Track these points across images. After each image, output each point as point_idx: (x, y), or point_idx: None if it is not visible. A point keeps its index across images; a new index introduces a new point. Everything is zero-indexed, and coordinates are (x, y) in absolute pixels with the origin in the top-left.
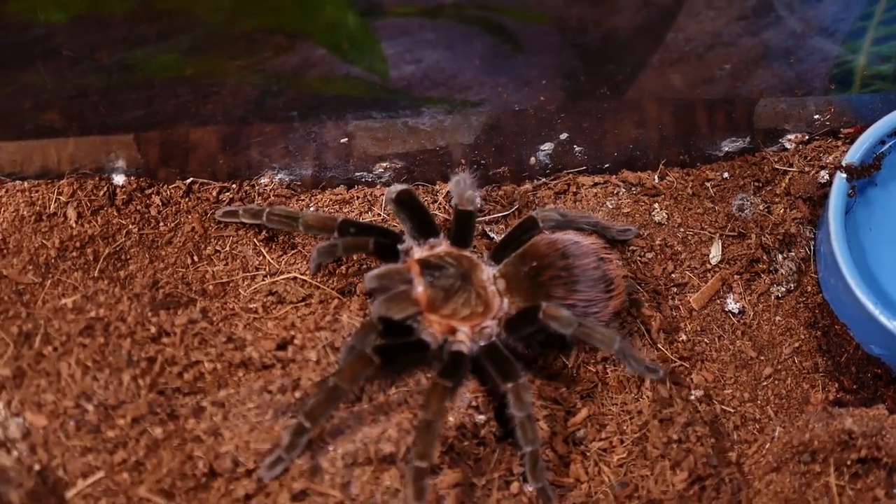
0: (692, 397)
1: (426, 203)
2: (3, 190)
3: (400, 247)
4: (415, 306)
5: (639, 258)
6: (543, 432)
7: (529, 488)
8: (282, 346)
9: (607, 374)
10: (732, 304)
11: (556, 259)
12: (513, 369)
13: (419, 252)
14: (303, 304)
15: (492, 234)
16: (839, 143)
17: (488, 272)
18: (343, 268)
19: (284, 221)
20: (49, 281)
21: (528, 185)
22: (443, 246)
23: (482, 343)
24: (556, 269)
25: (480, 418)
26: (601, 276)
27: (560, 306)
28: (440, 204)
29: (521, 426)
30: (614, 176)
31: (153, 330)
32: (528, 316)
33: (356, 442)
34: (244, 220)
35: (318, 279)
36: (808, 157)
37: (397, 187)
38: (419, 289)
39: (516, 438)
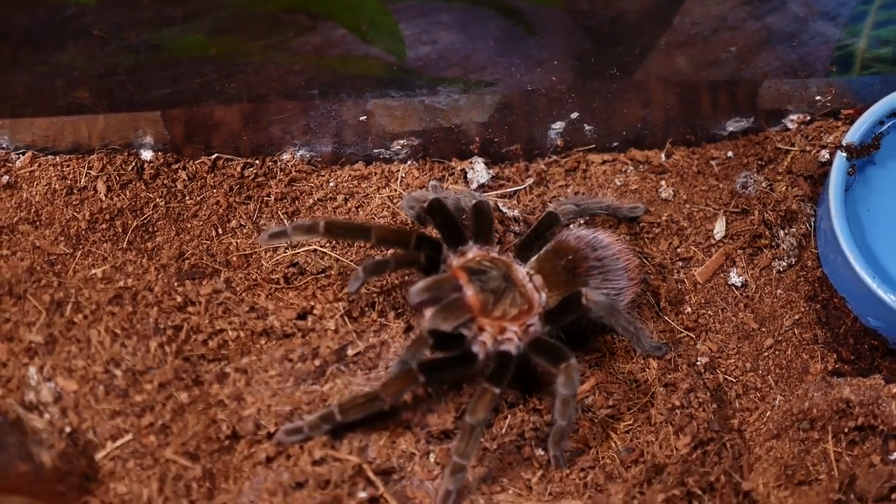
0: (696, 365)
1: (443, 177)
2: (37, 164)
3: (440, 257)
4: (468, 312)
5: (646, 234)
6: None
7: (541, 452)
8: (302, 315)
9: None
10: (735, 278)
11: (589, 251)
12: (562, 352)
13: (455, 260)
14: (322, 275)
15: (504, 209)
16: (839, 123)
17: (522, 270)
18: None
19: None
20: (80, 252)
21: (539, 163)
22: (474, 250)
23: (528, 341)
24: (590, 261)
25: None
26: (625, 265)
27: (602, 298)
28: (455, 178)
29: (563, 403)
30: (623, 154)
31: (179, 299)
32: (570, 304)
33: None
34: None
35: (338, 252)
36: (810, 137)
37: (426, 195)
38: (469, 294)
39: (553, 411)
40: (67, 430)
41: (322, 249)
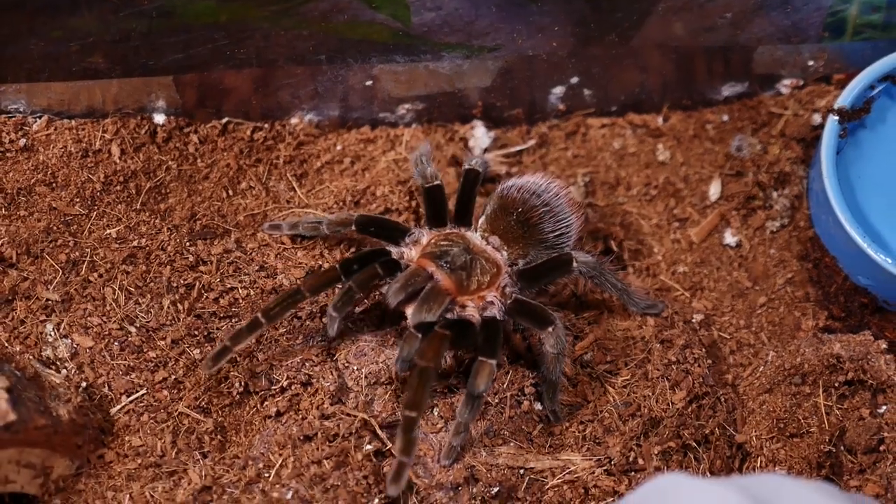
0: (691, 322)
1: (446, 142)
2: (52, 128)
3: (395, 257)
4: (448, 295)
5: (643, 195)
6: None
7: (540, 407)
8: (309, 273)
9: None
10: (730, 238)
11: (535, 199)
12: (547, 315)
13: (411, 251)
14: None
15: (503, 171)
16: (831, 87)
17: (476, 236)
18: (364, 200)
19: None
20: (94, 213)
21: (541, 126)
22: (425, 235)
23: (509, 303)
24: (539, 208)
25: None
26: (567, 200)
27: (579, 251)
28: (457, 142)
29: (553, 360)
30: (621, 118)
31: (191, 258)
32: (558, 265)
33: (378, 363)
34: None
35: (345, 210)
36: (803, 101)
37: (352, 215)
38: (441, 278)
39: (542, 369)
40: (83, 385)
41: (329, 212)
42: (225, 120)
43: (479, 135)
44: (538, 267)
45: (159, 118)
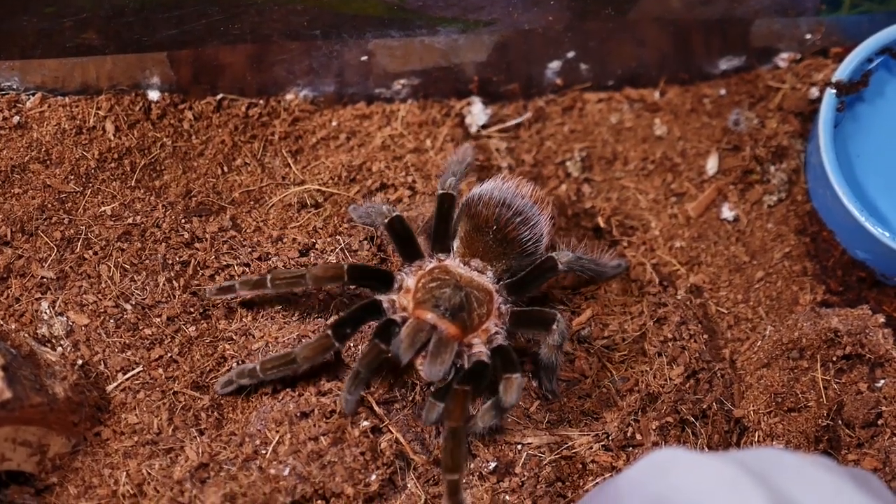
0: (688, 297)
1: (442, 118)
2: (46, 105)
3: (387, 306)
4: (455, 342)
5: (640, 170)
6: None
7: (536, 384)
8: (304, 251)
9: None
10: (727, 213)
11: (506, 211)
12: (546, 315)
13: (402, 299)
14: (323, 210)
15: (502, 146)
16: (829, 61)
17: (455, 263)
18: (364, 175)
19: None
20: (89, 190)
21: (537, 101)
22: (410, 276)
23: (508, 320)
24: (513, 219)
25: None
26: (534, 199)
27: (561, 249)
28: (453, 118)
29: (554, 349)
30: (618, 93)
31: (186, 235)
32: (545, 270)
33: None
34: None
35: (339, 188)
36: (800, 75)
37: (342, 265)
38: (445, 326)
39: (542, 356)
40: (79, 362)
41: (325, 189)
42: (220, 96)
43: (476, 111)
44: (525, 278)
45: (153, 95)
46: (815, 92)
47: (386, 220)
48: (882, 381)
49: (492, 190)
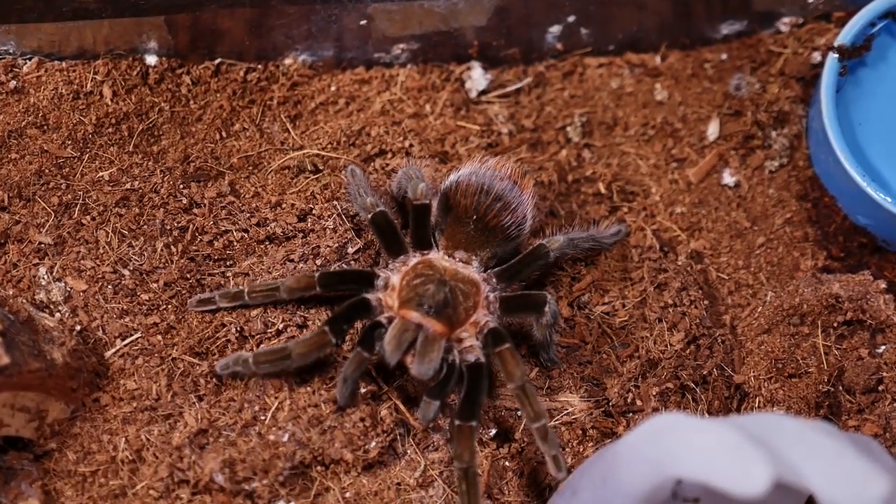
0: (689, 263)
1: (441, 83)
2: (43, 70)
3: (374, 304)
4: (442, 339)
5: (640, 136)
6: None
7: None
8: (302, 217)
9: None
10: (728, 178)
11: (483, 197)
12: (537, 298)
13: (388, 298)
14: (322, 175)
15: (502, 111)
16: (831, 25)
17: (439, 256)
18: (363, 140)
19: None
20: (87, 155)
21: (537, 66)
22: (394, 273)
23: (498, 307)
24: (493, 205)
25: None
26: (514, 179)
27: (555, 234)
28: (453, 83)
29: (548, 327)
30: (618, 57)
31: (184, 201)
32: (536, 258)
33: None
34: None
35: (338, 153)
36: (802, 40)
37: (313, 274)
38: (431, 324)
39: (536, 333)
40: (77, 328)
41: (324, 153)
42: (218, 61)
43: (476, 76)
44: (516, 266)
45: (151, 59)
46: (817, 56)
47: (370, 216)
48: (883, 347)
49: (469, 176)
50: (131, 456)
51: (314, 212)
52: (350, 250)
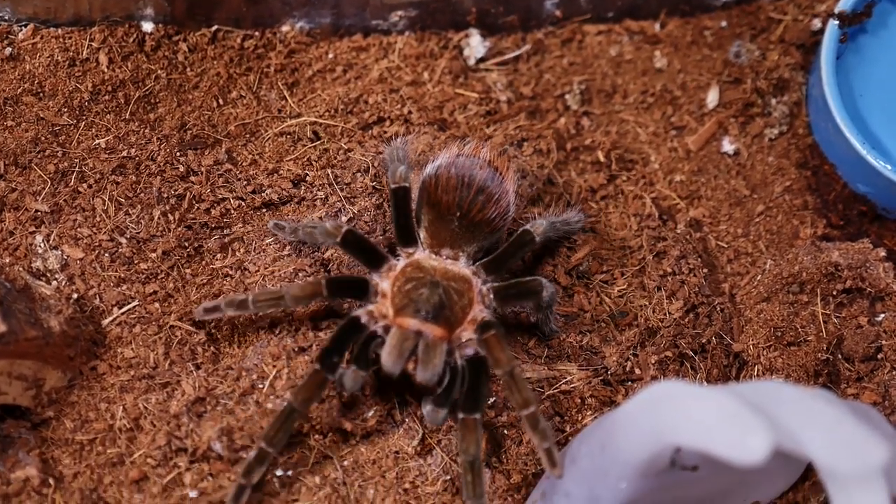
0: (688, 231)
1: (440, 51)
2: (39, 36)
3: (365, 321)
4: (444, 343)
5: (640, 104)
6: (548, 266)
7: (535, 320)
8: (296, 183)
9: (609, 210)
10: (728, 146)
11: (466, 191)
12: (532, 284)
13: (381, 307)
14: (319, 143)
15: (500, 79)
16: None
17: (426, 255)
18: (361, 107)
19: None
20: (83, 122)
21: (536, 34)
22: (384, 279)
23: (493, 298)
24: (476, 199)
25: None
26: (491, 167)
27: (536, 218)
28: (451, 50)
29: (547, 307)
30: (617, 25)
31: (181, 169)
32: (523, 244)
33: None
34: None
35: (336, 120)
36: (802, 6)
37: (320, 281)
38: (430, 329)
39: (537, 318)
40: (74, 296)
41: (320, 120)
42: (214, 28)
43: (474, 43)
44: (502, 255)
45: (147, 26)
46: (817, 23)
47: (338, 239)
48: (882, 315)
49: (448, 167)
50: (129, 424)
51: (307, 179)
52: (343, 219)
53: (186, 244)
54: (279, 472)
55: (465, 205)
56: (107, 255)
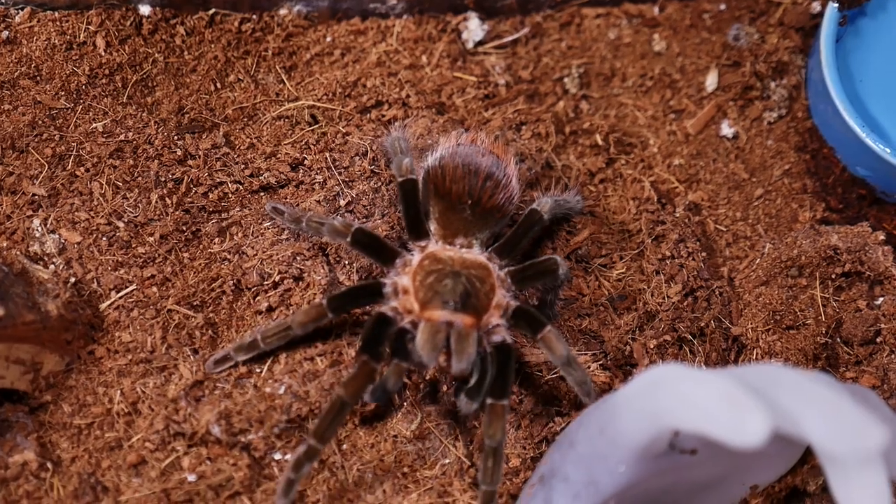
0: (687, 215)
1: (438, 34)
2: (35, 20)
3: (391, 314)
4: (474, 331)
5: (638, 87)
6: (548, 250)
7: (535, 302)
8: (294, 166)
9: (608, 193)
10: (727, 129)
11: (473, 179)
12: (548, 264)
13: (404, 302)
14: (318, 126)
15: (499, 63)
16: None
17: (438, 246)
18: (359, 91)
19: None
20: (80, 106)
21: (535, 17)
22: (403, 277)
23: (512, 282)
24: (485, 185)
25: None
26: (493, 154)
27: (541, 198)
28: (450, 34)
29: (555, 291)
30: (616, 8)
31: (179, 152)
32: (532, 222)
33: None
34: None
35: (334, 104)
36: None
37: (322, 303)
38: (460, 318)
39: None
40: (72, 280)
41: (319, 104)
42: (212, 11)
43: (473, 26)
44: (512, 238)
45: (145, 9)
46: (816, 6)
47: (349, 239)
48: (881, 299)
49: (452, 157)
50: (127, 408)
51: (305, 162)
52: (342, 202)
53: (184, 228)
54: (278, 456)
55: (476, 192)
56: (104, 238)
